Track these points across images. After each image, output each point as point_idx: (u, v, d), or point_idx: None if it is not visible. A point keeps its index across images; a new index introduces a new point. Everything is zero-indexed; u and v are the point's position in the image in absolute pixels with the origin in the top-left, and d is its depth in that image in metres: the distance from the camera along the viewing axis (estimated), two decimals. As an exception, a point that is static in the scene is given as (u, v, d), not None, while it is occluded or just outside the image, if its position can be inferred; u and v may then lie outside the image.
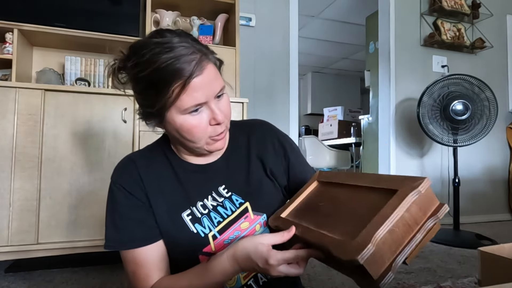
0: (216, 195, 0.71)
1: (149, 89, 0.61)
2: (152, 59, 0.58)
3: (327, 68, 6.61)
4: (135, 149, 1.69)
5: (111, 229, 0.68)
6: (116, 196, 0.68)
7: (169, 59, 0.57)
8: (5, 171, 1.51)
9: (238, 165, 0.75)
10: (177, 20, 2.08)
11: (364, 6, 3.92)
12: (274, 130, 0.81)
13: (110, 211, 0.69)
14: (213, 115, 0.63)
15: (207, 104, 0.62)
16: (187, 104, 0.59)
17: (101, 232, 1.63)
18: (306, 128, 6.10)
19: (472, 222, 2.87)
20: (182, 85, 0.58)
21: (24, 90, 1.56)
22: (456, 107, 2.22)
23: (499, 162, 3.11)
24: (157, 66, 0.58)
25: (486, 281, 0.71)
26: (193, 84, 0.58)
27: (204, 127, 0.63)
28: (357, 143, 4.09)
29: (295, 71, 2.55)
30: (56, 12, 1.80)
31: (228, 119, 0.67)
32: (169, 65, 0.57)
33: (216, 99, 0.63)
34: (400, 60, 2.80)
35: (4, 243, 1.50)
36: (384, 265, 0.46)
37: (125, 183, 0.68)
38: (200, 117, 0.62)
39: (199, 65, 0.59)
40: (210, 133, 0.64)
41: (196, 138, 0.64)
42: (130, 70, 0.64)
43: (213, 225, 0.68)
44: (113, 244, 0.67)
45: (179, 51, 0.58)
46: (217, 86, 0.62)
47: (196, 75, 0.58)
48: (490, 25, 3.11)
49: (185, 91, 0.58)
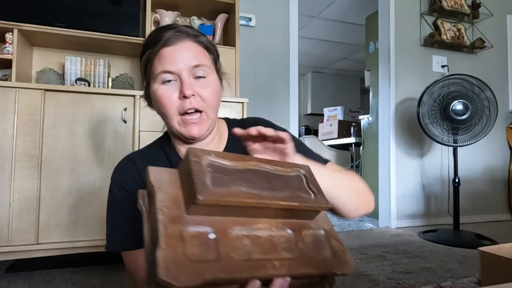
0: None
1: (141, 60, 0.69)
2: (149, 35, 0.68)
3: (327, 68, 6.61)
4: (135, 149, 1.69)
5: (111, 230, 0.68)
6: (116, 197, 0.68)
7: (154, 33, 0.66)
8: (5, 171, 1.51)
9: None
10: (177, 20, 2.08)
11: (364, 6, 3.92)
12: (270, 124, 0.81)
13: (110, 212, 0.69)
14: (181, 87, 0.63)
15: (179, 77, 0.63)
16: (157, 70, 0.64)
17: (101, 232, 1.63)
18: (306, 128, 6.10)
19: (472, 222, 2.87)
20: (154, 51, 0.64)
21: (24, 90, 1.56)
22: (456, 107, 2.22)
23: (499, 162, 3.11)
24: (147, 39, 0.67)
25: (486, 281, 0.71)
26: (163, 51, 0.63)
27: (172, 99, 0.64)
28: (357, 143, 4.08)
29: (295, 71, 2.55)
30: (56, 12, 1.80)
31: (208, 106, 0.65)
32: (151, 37, 0.66)
33: (194, 77, 0.64)
34: (400, 60, 2.80)
35: (4, 243, 1.50)
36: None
37: (125, 183, 0.68)
38: (171, 88, 0.64)
39: (176, 38, 0.64)
40: (178, 108, 0.64)
41: (164, 109, 0.65)
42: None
43: None
44: (113, 246, 0.67)
45: (167, 28, 0.65)
46: (192, 60, 0.64)
47: (168, 45, 0.63)
48: (490, 25, 3.11)
49: (156, 57, 0.64)
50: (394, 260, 1.81)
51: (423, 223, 2.78)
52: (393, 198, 2.71)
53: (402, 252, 1.97)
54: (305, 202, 0.50)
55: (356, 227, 2.74)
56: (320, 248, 0.50)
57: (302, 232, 0.50)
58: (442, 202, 2.85)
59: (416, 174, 2.81)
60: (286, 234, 0.48)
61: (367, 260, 1.81)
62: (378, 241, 2.26)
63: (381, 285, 1.45)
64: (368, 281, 1.49)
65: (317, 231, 0.52)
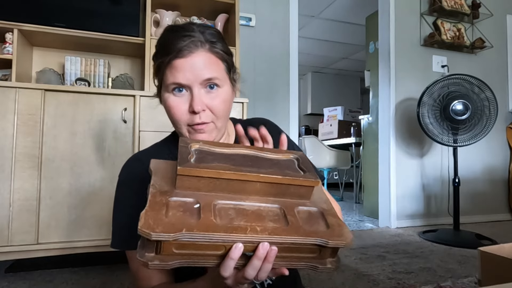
0: None
1: (154, 61, 0.68)
2: (162, 36, 0.66)
3: (327, 68, 6.61)
4: (135, 149, 1.69)
5: (117, 228, 0.69)
6: (122, 194, 0.69)
7: (169, 37, 0.63)
8: (5, 171, 1.51)
9: None
10: (177, 20, 2.08)
11: (364, 6, 3.92)
12: (276, 129, 0.82)
13: (116, 210, 0.70)
14: (191, 102, 0.63)
15: (190, 89, 0.63)
16: (168, 81, 0.63)
17: (101, 232, 1.63)
18: (306, 128, 6.10)
19: (472, 222, 2.87)
20: (167, 61, 0.62)
21: (24, 90, 1.56)
22: (456, 107, 2.22)
23: (499, 162, 3.11)
24: (160, 41, 0.65)
25: (486, 281, 0.71)
26: (175, 63, 0.61)
27: (182, 111, 0.64)
28: (357, 143, 4.09)
29: (295, 71, 2.55)
30: (56, 12, 1.80)
31: (217, 116, 0.65)
32: (165, 41, 0.63)
33: (204, 88, 0.64)
34: (400, 60, 2.80)
35: (4, 243, 1.50)
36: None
37: (130, 181, 0.69)
38: (181, 100, 0.64)
39: (189, 48, 0.61)
40: (188, 121, 0.64)
41: (175, 120, 0.65)
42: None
43: None
44: (118, 244, 0.68)
45: (181, 33, 0.62)
46: (204, 73, 0.62)
47: (180, 56, 0.61)
48: (490, 25, 3.11)
49: (168, 68, 0.62)
50: (394, 260, 1.81)
51: (423, 223, 2.78)
52: (393, 198, 2.71)
53: (402, 252, 1.97)
54: (290, 176, 0.48)
55: (356, 227, 2.74)
56: (313, 222, 0.47)
57: (295, 209, 0.48)
58: (442, 202, 2.85)
59: (416, 174, 2.81)
60: (275, 209, 0.48)
61: (367, 260, 1.81)
62: (378, 241, 2.26)
63: (381, 285, 1.45)
64: (368, 281, 1.49)
65: (312, 209, 0.50)
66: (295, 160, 0.54)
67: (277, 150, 0.56)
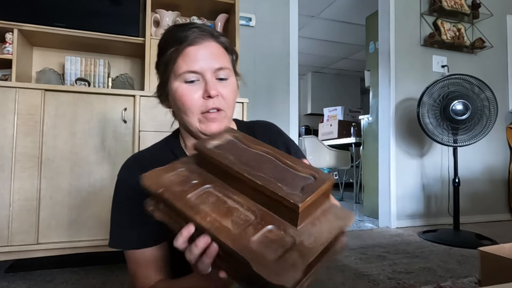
0: None
1: (159, 57, 0.69)
2: (167, 32, 0.68)
3: (327, 68, 6.61)
4: (135, 149, 1.69)
5: (115, 228, 0.70)
6: (121, 195, 0.70)
7: (175, 30, 0.66)
8: (5, 171, 1.51)
9: None
10: (177, 20, 2.08)
11: (364, 6, 3.92)
12: (280, 133, 0.82)
13: (115, 210, 0.71)
14: (206, 87, 0.64)
15: (203, 77, 0.64)
16: (181, 69, 0.64)
17: (101, 232, 1.63)
18: (306, 128, 6.10)
19: (472, 222, 2.87)
20: (178, 49, 0.64)
21: (24, 90, 1.56)
22: (456, 107, 2.22)
23: (499, 162, 3.11)
24: (167, 36, 0.67)
25: (486, 281, 0.71)
26: (188, 50, 0.63)
27: (195, 98, 0.64)
28: (357, 143, 4.08)
29: (295, 71, 2.55)
30: (56, 12, 1.81)
31: (227, 105, 0.67)
32: (174, 34, 0.65)
33: (216, 78, 0.66)
34: (400, 60, 2.80)
35: (4, 243, 1.50)
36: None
37: (129, 182, 0.69)
38: (195, 88, 0.65)
39: (200, 37, 0.64)
40: (201, 107, 0.65)
41: (187, 108, 0.65)
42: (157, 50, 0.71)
43: None
44: (116, 243, 0.69)
45: (190, 26, 0.66)
46: (215, 62, 0.65)
47: (193, 44, 0.64)
48: (490, 25, 3.11)
49: (181, 56, 0.64)
50: (394, 260, 1.81)
51: (423, 223, 2.78)
52: (393, 198, 2.71)
53: (402, 252, 1.97)
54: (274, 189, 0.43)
55: (356, 227, 2.74)
56: (273, 248, 0.40)
57: (266, 226, 0.43)
58: (442, 202, 2.85)
59: (416, 174, 2.81)
60: (249, 216, 0.45)
61: (367, 260, 1.81)
62: (378, 241, 2.26)
63: (381, 285, 1.45)
64: (368, 281, 1.49)
65: (286, 237, 0.42)
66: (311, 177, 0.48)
67: (303, 164, 0.51)
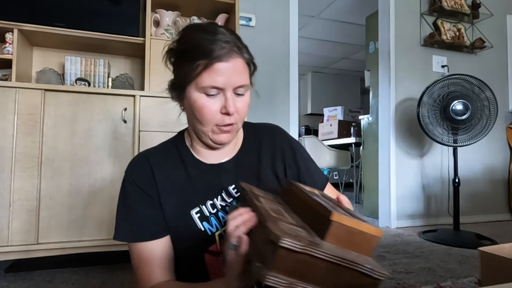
0: (226, 195, 0.73)
1: (180, 59, 0.68)
2: (193, 35, 0.66)
3: (327, 68, 6.61)
4: (135, 149, 1.69)
5: (121, 221, 0.71)
6: (128, 190, 0.71)
7: (205, 39, 0.64)
8: (5, 171, 1.51)
9: (249, 166, 0.76)
10: (177, 20, 2.08)
11: (364, 6, 3.92)
12: (285, 135, 0.83)
13: (121, 204, 0.72)
14: (225, 103, 0.65)
15: (223, 92, 0.65)
16: (205, 83, 0.63)
17: (101, 232, 1.63)
18: (306, 128, 6.10)
19: (472, 222, 2.87)
20: (206, 63, 0.63)
21: (24, 90, 1.56)
22: (456, 107, 2.22)
23: (499, 162, 3.11)
24: (193, 41, 0.65)
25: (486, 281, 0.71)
26: (216, 66, 0.63)
27: (214, 111, 0.65)
28: (357, 143, 4.09)
29: (295, 71, 2.55)
30: (56, 12, 1.80)
31: (240, 118, 0.69)
32: (203, 43, 0.64)
33: (235, 93, 0.67)
34: (400, 60, 2.80)
35: (4, 243, 1.50)
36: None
37: (137, 179, 0.71)
38: (214, 102, 0.65)
39: (229, 53, 0.64)
40: (218, 121, 0.66)
41: (204, 119, 0.66)
42: (176, 45, 0.70)
43: (221, 225, 0.70)
44: (122, 236, 0.70)
45: (217, 36, 0.64)
46: (238, 80, 0.66)
47: (222, 60, 0.63)
48: (490, 25, 3.11)
49: (207, 70, 0.63)
50: (394, 260, 1.81)
51: (423, 223, 2.78)
52: (393, 198, 2.71)
53: (402, 252, 1.97)
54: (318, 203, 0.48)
55: (356, 227, 2.74)
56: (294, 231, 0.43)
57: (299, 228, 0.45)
58: (442, 202, 2.85)
59: (416, 174, 2.81)
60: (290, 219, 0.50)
61: (367, 260, 1.81)
62: (378, 241, 2.26)
63: (381, 285, 1.45)
64: (368, 281, 1.49)
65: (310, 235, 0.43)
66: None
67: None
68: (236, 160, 0.76)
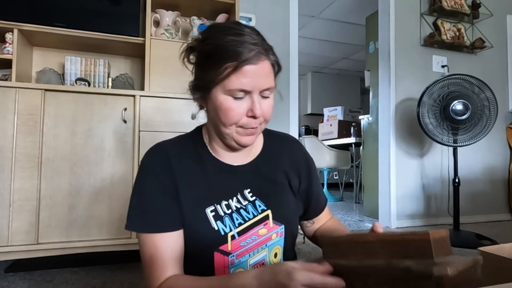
0: (241, 197, 0.72)
1: (206, 61, 0.66)
2: (220, 36, 0.64)
3: (327, 68, 6.61)
4: (135, 149, 1.69)
5: (135, 210, 0.69)
6: (146, 179, 0.69)
7: (233, 41, 0.62)
8: (5, 171, 1.51)
9: (266, 173, 0.76)
10: (177, 20, 2.08)
11: (364, 6, 3.92)
12: (304, 150, 0.84)
13: (137, 193, 0.70)
14: (252, 107, 0.65)
15: (250, 95, 0.65)
16: (232, 86, 0.63)
17: (101, 232, 1.63)
18: (306, 128, 6.10)
19: (472, 222, 2.87)
20: (235, 66, 0.61)
21: (24, 90, 1.56)
22: (456, 107, 2.22)
23: (499, 162, 3.11)
24: (221, 43, 0.63)
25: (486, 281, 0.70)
26: (244, 69, 0.62)
27: (240, 114, 0.65)
28: (357, 143, 4.09)
29: (295, 71, 2.55)
30: (56, 12, 1.80)
31: (265, 121, 0.69)
32: (231, 45, 0.62)
33: (261, 96, 0.66)
34: (400, 60, 2.80)
35: (4, 243, 1.50)
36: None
37: (155, 169, 0.70)
38: (240, 104, 0.65)
39: (257, 56, 0.63)
40: (243, 123, 0.66)
41: (229, 121, 0.65)
42: (199, 46, 0.68)
43: (234, 226, 0.69)
44: (134, 225, 0.68)
45: (245, 38, 0.63)
46: (265, 82, 0.66)
47: (250, 63, 0.62)
48: (490, 25, 3.11)
49: (235, 73, 0.62)
50: (394, 260, 1.80)
51: (423, 223, 2.78)
52: (393, 198, 2.71)
53: (402, 252, 1.96)
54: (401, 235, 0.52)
55: (356, 227, 2.74)
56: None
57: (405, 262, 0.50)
58: (442, 202, 2.85)
59: (416, 174, 2.81)
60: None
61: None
62: (378, 241, 2.26)
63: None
64: (368, 281, 1.49)
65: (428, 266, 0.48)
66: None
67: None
68: (253, 165, 0.76)
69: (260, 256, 0.71)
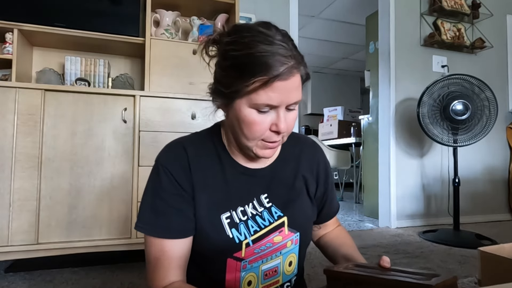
0: (257, 203, 0.70)
1: (233, 69, 0.60)
2: (250, 44, 0.58)
3: (327, 68, 6.61)
4: (135, 149, 1.69)
5: (148, 211, 0.66)
6: (162, 180, 0.66)
7: (265, 51, 0.57)
8: (5, 171, 1.51)
9: (284, 177, 0.74)
10: (177, 20, 2.08)
11: (364, 6, 3.92)
12: (323, 154, 0.82)
13: (151, 193, 0.67)
14: (277, 121, 0.61)
15: (276, 109, 0.61)
16: (260, 100, 0.58)
17: (101, 232, 1.63)
18: (306, 128, 6.10)
19: (472, 222, 2.87)
20: (265, 80, 0.57)
21: (24, 90, 1.56)
22: (456, 107, 2.22)
23: (499, 162, 3.11)
24: (251, 52, 0.58)
25: (486, 281, 0.70)
26: (275, 85, 0.58)
27: (264, 128, 0.62)
28: (357, 143, 4.09)
29: (295, 71, 2.55)
30: (56, 12, 1.80)
31: (287, 134, 0.66)
32: (263, 57, 0.57)
33: (286, 109, 0.63)
34: (400, 60, 2.80)
35: (4, 243, 1.50)
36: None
37: (173, 169, 0.66)
38: (265, 118, 0.61)
39: (289, 70, 0.58)
40: (266, 137, 0.63)
41: (251, 135, 0.62)
42: (224, 45, 0.63)
43: (249, 233, 0.67)
44: (146, 227, 0.65)
45: (277, 49, 0.58)
46: (294, 97, 0.61)
47: (281, 78, 0.58)
48: (490, 25, 3.11)
49: (265, 88, 0.58)
50: (394, 260, 1.81)
51: (423, 223, 2.78)
52: (393, 198, 2.71)
53: (402, 252, 1.97)
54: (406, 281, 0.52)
55: (356, 227, 2.74)
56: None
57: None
58: (442, 202, 2.85)
59: (416, 174, 2.81)
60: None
61: (367, 260, 1.79)
62: (378, 241, 2.26)
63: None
64: (368, 281, 1.49)
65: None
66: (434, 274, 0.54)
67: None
68: (272, 169, 0.73)
69: (273, 263, 0.70)
